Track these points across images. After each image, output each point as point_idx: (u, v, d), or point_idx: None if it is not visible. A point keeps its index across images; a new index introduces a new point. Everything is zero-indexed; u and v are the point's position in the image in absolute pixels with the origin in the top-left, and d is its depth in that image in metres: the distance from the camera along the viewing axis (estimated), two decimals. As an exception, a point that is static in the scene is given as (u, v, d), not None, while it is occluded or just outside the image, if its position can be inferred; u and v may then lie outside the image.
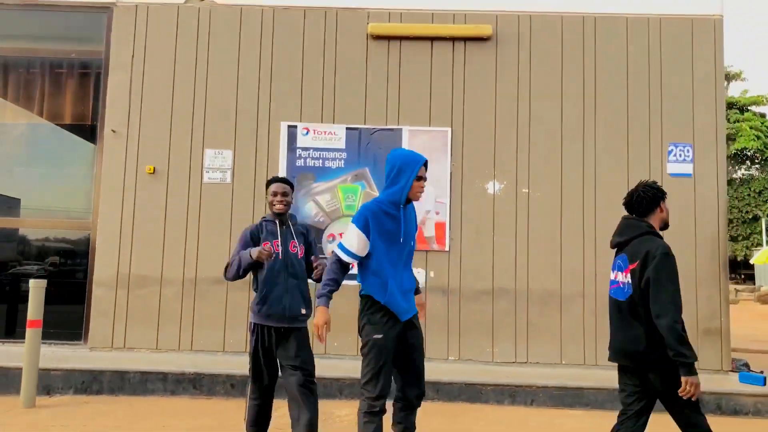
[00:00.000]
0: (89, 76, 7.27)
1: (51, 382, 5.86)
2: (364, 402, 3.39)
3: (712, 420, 5.27)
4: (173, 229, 6.85)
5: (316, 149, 6.90)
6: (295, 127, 6.91)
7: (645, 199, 3.64)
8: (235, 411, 4.85)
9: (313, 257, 4.14)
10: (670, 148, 6.81)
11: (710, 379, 6.32)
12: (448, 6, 7.03)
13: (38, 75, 7.29)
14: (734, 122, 35.99)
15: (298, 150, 6.90)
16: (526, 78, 6.96)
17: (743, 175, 37.49)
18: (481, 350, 6.66)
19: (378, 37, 6.97)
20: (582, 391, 5.87)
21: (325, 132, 6.91)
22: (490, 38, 6.97)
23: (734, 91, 39.45)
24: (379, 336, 3.38)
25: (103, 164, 6.97)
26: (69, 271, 7.36)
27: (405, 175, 3.46)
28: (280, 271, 3.96)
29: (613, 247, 3.70)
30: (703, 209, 6.75)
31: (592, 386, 5.90)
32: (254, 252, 3.84)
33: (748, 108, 37.21)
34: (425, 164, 3.56)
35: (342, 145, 6.90)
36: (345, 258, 3.46)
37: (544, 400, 5.85)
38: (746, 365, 6.78)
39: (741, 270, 37.93)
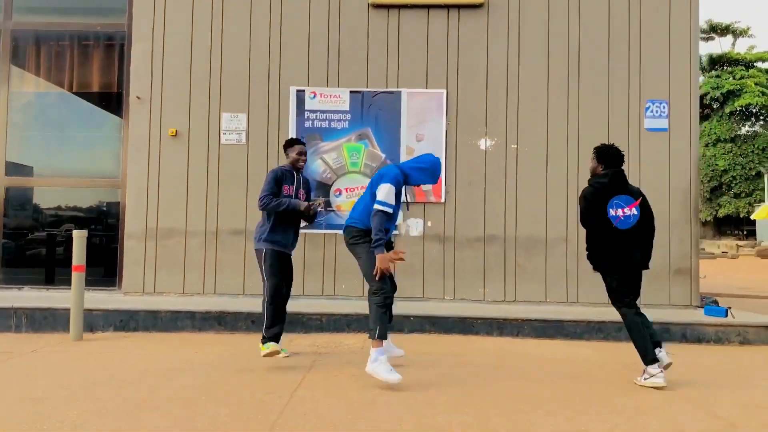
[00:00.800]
0: (114, 47, 7.90)
1: (93, 321, 6.60)
2: (380, 297, 4.51)
3: (678, 347, 6.05)
4: (195, 186, 7.56)
5: (322, 111, 7.54)
6: (303, 91, 7.54)
7: (622, 156, 4.91)
8: (256, 342, 5.58)
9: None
10: (647, 105, 7.41)
11: (679, 312, 7.07)
12: (442, -25, 7.57)
13: (67, 47, 7.92)
14: (739, 78, 36.02)
15: (306, 112, 7.55)
16: (515, 42, 7.54)
17: (747, 131, 37.61)
18: (474, 291, 7.39)
19: (378, 6, 7.54)
20: (562, 323, 6.60)
21: (330, 95, 7.54)
22: (482, 5, 7.52)
23: (741, 47, 39.27)
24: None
25: (130, 128, 7.65)
26: (102, 226, 8.10)
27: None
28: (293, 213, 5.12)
29: (609, 192, 4.69)
30: (676, 161, 7.38)
31: (571, 319, 6.62)
32: (303, 205, 5.04)
33: (754, 64, 37.13)
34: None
35: (346, 107, 7.53)
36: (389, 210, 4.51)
37: (528, 331, 6.58)
38: (715, 302, 7.49)
39: (743, 226, 38.39)
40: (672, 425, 3.68)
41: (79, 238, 6.22)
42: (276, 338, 5.07)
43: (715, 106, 37.47)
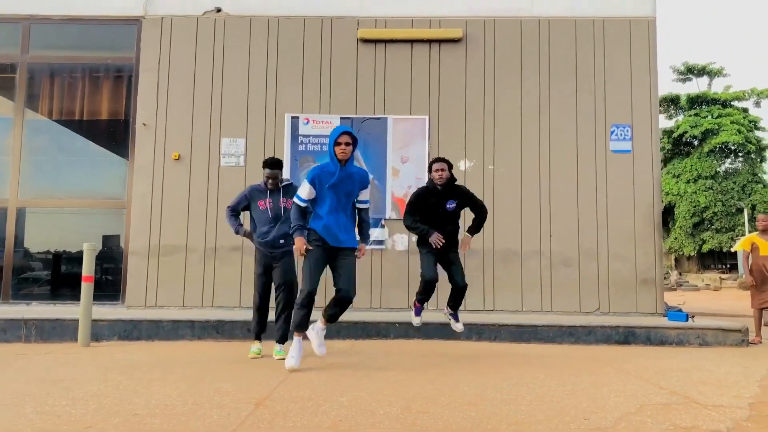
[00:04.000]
0: (122, 79, 8.57)
1: (98, 332, 7.00)
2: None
3: (643, 349, 6.56)
4: (196, 206, 8.12)
5: (315, 136, 8.19)
6: (297, 117, 8.20)
7: None
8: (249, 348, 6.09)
9: None
10: (612, 129, 8.11)
11: (644, 318, 7.61)
12: (425, 13, 8.33)
13: (79, 78, 8.58)
14: (717, 117, 37.33)
15: (300, 137, 8.19)
16: (491, 72, 8.26)
17: (727, 168, 38.73)
18: (456, 301, 7.92)
19: (366, 41, 8.27)
20: (536, 328, 7.10)
21: (322, 121, 8.19)
22: (461, 40, 8.27)
23: (717, 86, 40.70)
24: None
25: (136, 152, 8.25)
26: (108, 243, 8.61)
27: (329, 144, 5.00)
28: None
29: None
30: (640, 180, 8.04)
31: (545, 324, 7.13)
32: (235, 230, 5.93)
33: (731, 103, 38.49)
34: (345, 132, 4.93)
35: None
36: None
37: (505, 336, 7.07)
38: (679, 310, 8.05)
39: (726, 260, 39.18)
40: (618, 388, 4.21)
41: (89, 251, 6.70)
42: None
43: (695, 144, 38.67)
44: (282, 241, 5.70)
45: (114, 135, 8.64)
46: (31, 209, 8.58)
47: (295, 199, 5.04)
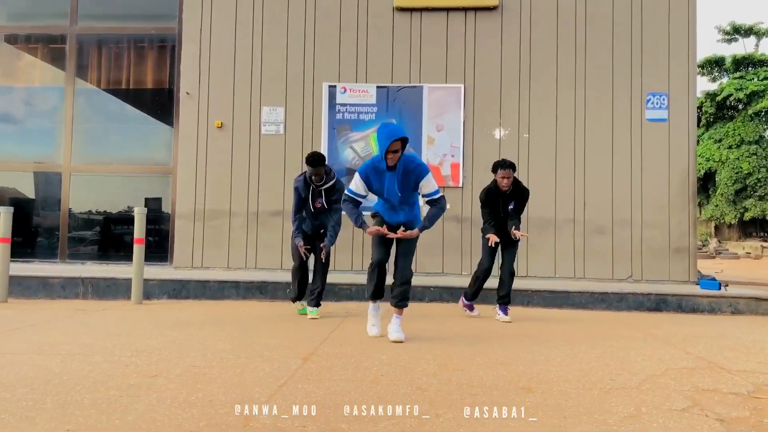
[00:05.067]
0: (166, 49, 8.85)
1: (149, 290, 7.41)
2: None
3: (674, 317, 6.69)
4: (238, 172, 8.44)
5: (352, 105, 8.37)
6: (335, 86, 8.38)
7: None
8: (293, 308, 6.43)
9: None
10: (648, 97, 8.09)
11: (677, 286, 7.72)
12: (461, -19, 8.36)
13: (125, 49, 8.89)
14: (763, 79, 36.04)
15: (337, 106, 8.38)
16: (526, 40, 8.28)
17: (773, 133, 37.49)
18: (489, 266, 8.13)
19: (402, 9, 8.35)
20: (569, 294, 7.29)
21: (359, 90, 8.36)
22: (497, 7, 8.29)
23: (765, 47, 39.20)
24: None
25: (180, 120, 8.56)
26: (156, 207, 9.02)
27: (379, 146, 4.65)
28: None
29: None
30: (675, 149, 8.05)
31: (577, 290, 7.31)
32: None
33: (778, 65, 37.08)
34: (400, 139, 4.56)
35: (373, 100, 8.35)
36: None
37: (538, 301, 7.29)
38: (712, 278, 8.11)
39: (768, 227, 38.28)
40: (646, 353, 4.40)
41: (140, 214, 7.08)
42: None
43: (739, 107, 37.51)
44: (322, 231, 6.06)
45: (159, 103, 8.96)
46: (82, 174, 9.00)
47: (347, 192, 4.84)
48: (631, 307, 7.15)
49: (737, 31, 40.02)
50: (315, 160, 5.70)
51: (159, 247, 8.72)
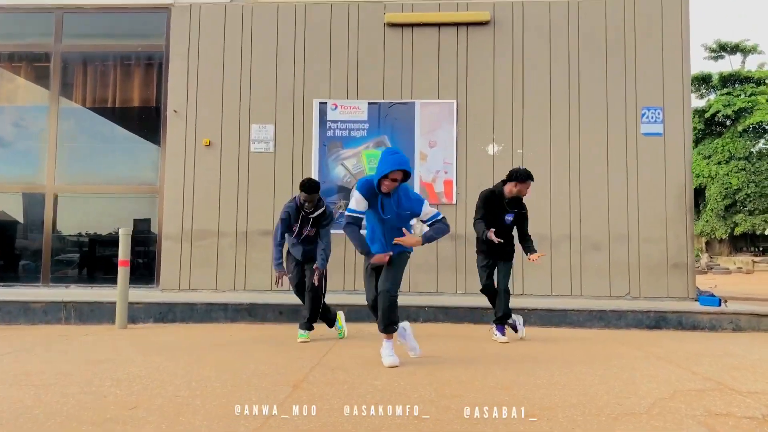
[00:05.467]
0: (153, 66, 8.69)
1: (134, 314, 7.18)
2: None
3: (674, 334, 6.52)
4: (227, 191, 8.25)
5: (343, 121, 8.23)
6: (326, 103, 8.24)
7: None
8: (283, 330, 6.19)
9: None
10: (643, 111, 8.01)
11: (675, 303, 7.56)
12: (452, -4, 8.29)
13: (111, 67, 8.72)
14: (750, 95, 36.34)
15: (328, 122, 8.24)
16: (519, 55, 8.19)
17: (761, 149, 37.76)
18: (485, 285, 7.95)
19: (393, 25, 8.25)
20: (566, 312, 7.12)
21: (350, 107, 8.23)
22: (489, 22, 8.21)
23: (751, 64, 39.64)
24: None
25: (167, 139, 8.38)
26: (142, 228, 8.80)
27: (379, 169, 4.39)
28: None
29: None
30: (671, 163, 7.94)
31: (575, 308, 7.14)
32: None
33: (765, 81, 37.45)
34: (403, 171, 4.37)
35: (365, 117, 8.21)
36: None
37: (535, 320, 7.09)
38: (711, 294, 7.96)
39: (760, 243, 38.39)
40: (650, 373, 4.22)
41: (125, 236, 6.86)
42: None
43: (727, 124, 37.78)
44: (312, 256, 5.86)
45: (146, 122, 8.78)
46: (67, 195, 8.78)
47: (347, 213, 4.58)
48: (630, 325, 6.99)
49: (723, 49, 40.40)
50: (311, 186, 5.56)
51: (146, 270, 8.49)
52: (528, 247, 5.91)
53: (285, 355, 5.00)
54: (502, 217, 5.76)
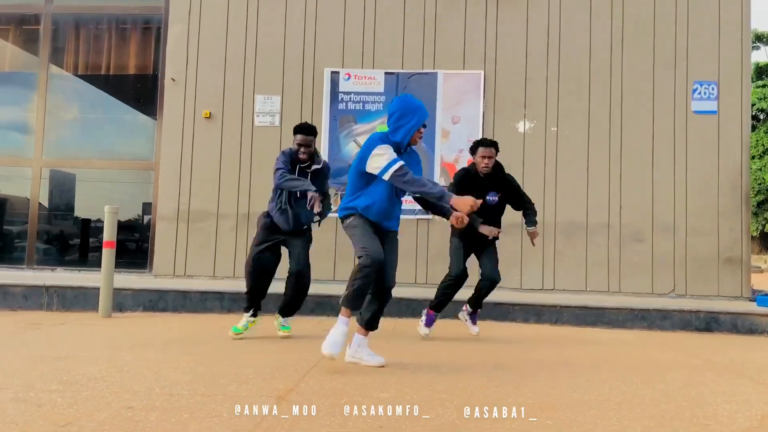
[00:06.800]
0: (150, 30, 7.97)
1: (123, 301, 6.50)
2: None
3: (729, 338, 5.69)
4: (228, 168, 7.50)
5: (356, 93, 7.43)
6: (338, 72, 7.45)
7: None
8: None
9: None
10: (694, 87, 7.09)
11: (730, 303, 6.68)
12: (481, -44, 7.41)
13: (105, 30, 8.00)
14: (780, 86, 34.85)
15: (340, 94, 7.44)
16: (555, 23, 7.32)
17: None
18: (510, 278, 7.08)
19: (415, -13, 7.41)
20: (603, 311, 6.29)
21: (365, 77, 7.42)
22: (522, -16, 7.33)
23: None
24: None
25: (164, 110, 7.65)
26: (135, 207, 8.12)
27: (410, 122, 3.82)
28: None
29: None
30: (726, 145, 7.03)
31: (613, 306, 6.31)
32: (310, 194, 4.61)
33: (802, 73, 35.88)
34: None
35: (381, 89, 7.40)
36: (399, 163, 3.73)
37: (568, 318, 6.29)
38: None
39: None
40: (722, 390, 3.38)
41: (110, 214, 6.16)
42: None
43: (761, 117, 36.32)
44: (305, 227, 4.95)
45: (142, 91, 8.07)
46: (57, 171, 8.10)
47: (393, 166, 3.67)
48: (676, 327, 6.16)
49: (759, 39, 38.86)
50: (307, 127, 4.79)
51: (139, 253, 7.80)
52: (529, 216, 5.13)
53: (277, 354, 4.25)
54: (484, 198, 4.90)
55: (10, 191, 8.35)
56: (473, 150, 5.07)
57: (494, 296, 6.50)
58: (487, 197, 4.97)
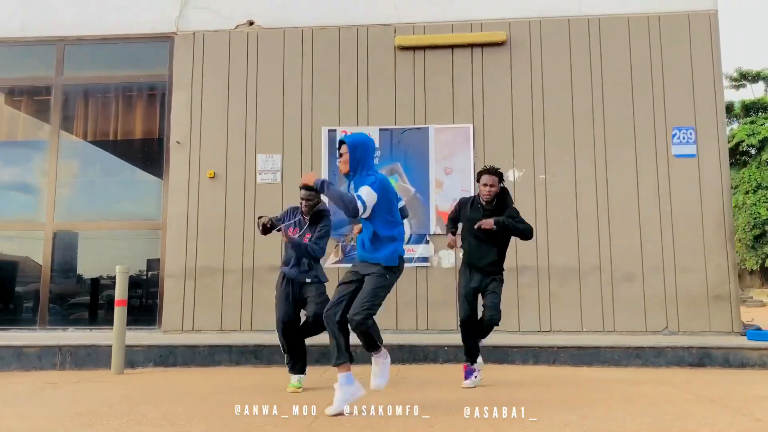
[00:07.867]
0: (156, 97, 8.38)
1: (133, 358, 6.69)
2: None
3: (721, 373, 5.88)
4: (232, 225, 7.81)
5: (353, 149, 7.77)
6: (335, 130, 7.83)
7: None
8: (288, 376, 5.67)
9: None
10: (674, 132, 7.47)
11: (721, 338, 6.89)
12: (465, 17, 7.89)
13: (113, 98, 8.43)
14: (760, 124, 35.56)
15: (338, 151, 7.78)
16: (538, 76, 7.75)
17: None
18: (508, 321, 7.29)
19: (404, 48, 7.87)
20: (599, 350, 6.48)
21: (360, 134, 7.78)
22: (505, 43, 7.79)
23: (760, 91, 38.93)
24: None
25: (170, 171, 8.01)
26: (144, 266, 8.37)
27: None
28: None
29: None
30: (707, 186, 7.36)
31: (608, 345, 6.51)
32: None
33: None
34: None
35: (376, 144, 7.75)
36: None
37: (565, 359, 6.48)
38: (758, 328, 7.28)
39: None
40: (710, 422, 3.60)
41: (122, 273, 6.43)
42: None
43: (752, 153, 36.92)
44: (308, 280, 5.34)
45: (149, 154, 8.43)
46: (67, 232, 8.40)
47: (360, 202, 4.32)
48: (670, 363, 6.36)
49: (744, 77, 39.82)
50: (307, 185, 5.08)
51: (147, 310, 8.03)
52: (507, 224, 5.11)
53: (289, 405, 4.45)
54: (481, 228, 5.04)
55: (22, 253, 8.62)
56: (478, 178, 5.26)
57: (493, 340, 6.71)
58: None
